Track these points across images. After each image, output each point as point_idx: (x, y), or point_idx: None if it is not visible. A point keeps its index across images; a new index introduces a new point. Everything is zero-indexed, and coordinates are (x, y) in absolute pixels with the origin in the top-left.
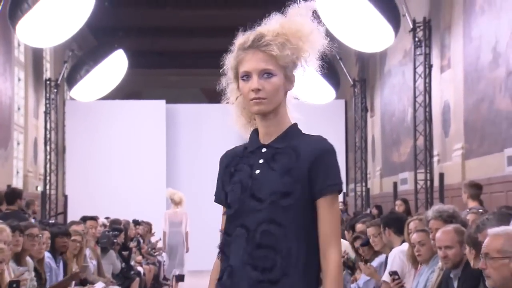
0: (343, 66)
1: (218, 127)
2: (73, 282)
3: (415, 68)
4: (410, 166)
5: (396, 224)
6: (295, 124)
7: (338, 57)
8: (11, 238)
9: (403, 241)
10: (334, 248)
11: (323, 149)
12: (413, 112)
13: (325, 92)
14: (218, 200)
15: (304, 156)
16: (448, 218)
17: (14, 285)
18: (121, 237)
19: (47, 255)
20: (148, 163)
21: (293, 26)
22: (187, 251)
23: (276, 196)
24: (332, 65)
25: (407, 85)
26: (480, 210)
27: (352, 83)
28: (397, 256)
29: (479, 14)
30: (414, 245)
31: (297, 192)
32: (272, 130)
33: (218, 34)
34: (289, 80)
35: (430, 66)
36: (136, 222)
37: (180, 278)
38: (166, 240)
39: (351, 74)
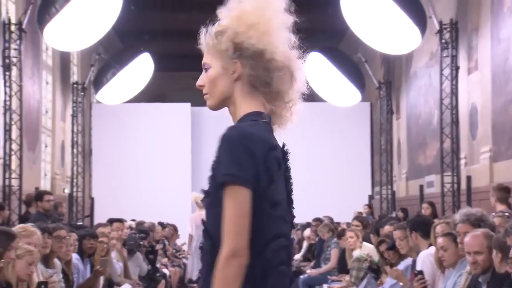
0: (368, 69)
1: None
2: (101, 283)
3: (441, 70)
4: (436, 169)
5: (423, 227)
6: (247, 115)
7: (363, 60)
8: (41, 240)
9: (430, 245)
10: (224, 244)
11: (221, 137)
12: (439, 114)
13: (350, 94)
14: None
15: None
16: (476, 221)
17: (42, 286)
18: (147, 240)
19: (75, 256)
20: (173, 165)
21: (236, 12)
22: None
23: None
24: (357, 68)
25: (434, 87)
26: (506, 214)
27: (377, 85)
28: (427, 259)
29: (507, 15)
30: (439, 249)
31: (213, 189)
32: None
33: None
34: (228, 69)
35: (457, 68)
36: (162, 225)
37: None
38: (192, 243)
39: (377, 76)
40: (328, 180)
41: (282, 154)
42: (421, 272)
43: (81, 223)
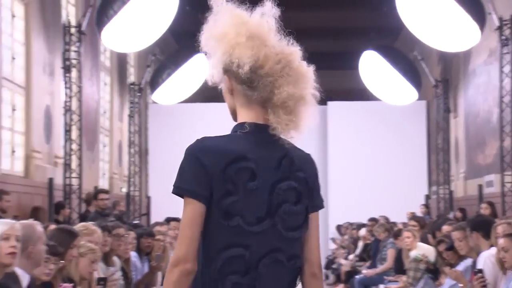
0: (424, 67)
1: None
2: (159, 280)
3: (501, 67)
4: (496, 168)
5: (484, 227)
6: (234, 126)
7: (419, 58)
8: (101, 238)
9: (491, 245)
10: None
11: None
12: (499, 112)
13: (406, 93)
14: None
15: None
16: None
17: (102, 282)
18: None
19: (133, 254)
20: None
21: (207, 32)
22: None
23: None
24: (413, 66)
25: (493, 85)
26: None
27: (434, 83)
28: (488, 260)
29: None
30: (500, 250)
31: None
32: None
33: (296, 37)
34: (224, 85)
35: None
36: None
37: None
38: None
39: (433, 74)
40: (383, 179)
41: (279, 162)
42: (481, 271)
43: (137, 221)
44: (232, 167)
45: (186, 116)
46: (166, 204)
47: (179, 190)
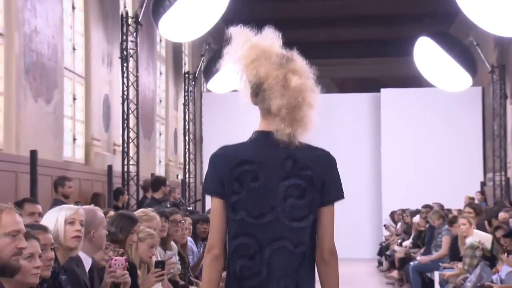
0: (480, 52)
1: (349, 117)
2: None
3: None
4: None
5: None
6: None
7: (475, 43)
8: (160, 224)
9: None
10: None
11: None
12: None
13: (461, 79)
14: None
15: None
16: None
17: (160, 265)
18: None
19: (189, 240)
20: None
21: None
22: None
23: None
24: (468, 51)
25: None
26: None
27: (490, 69)
28: None
29: None
30: None
31: None
32: None
33: (349, 24)
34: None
35: None
36: None
37: None
38: None
39: (489, 60)
40: (438, 166)
41: (281, 163)
42: None
43: (190, 208)
44: (237, 169)
45: (239, 104)
46: None
47: (203, 190)
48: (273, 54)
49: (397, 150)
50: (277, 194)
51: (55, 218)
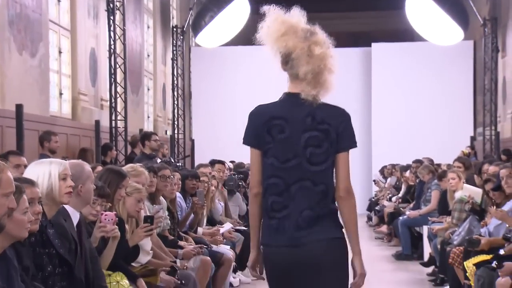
0: (472, 5)
1: (339, 71)
2: (205, 222)
3: None
4: None
5: None
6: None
7: None
8: (148, 179)
9: None
10: None
11: None
12: None
13: (452, 32)
14: None
15: None
16: None
17: (149, 220)
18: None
19: (178, 195)
20: None
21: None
22: None
23: None
24: (460, 4)
25: None
26: None
27: (482, 22)
28: None
29: None
30: None
31: None
32: None
33: None
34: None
35: None
36: None
37: None
38: None
39: (481, 13)
40: (428, 121)
41: (303, 118)
42: None
43: (180, 163)
44: (268, 124)
45: (228, 59)
46: (209, 146)
47: (243, 141)
48: (299, 29)
49: (388, 105)
50: (299, 144)
51: (47, 173)
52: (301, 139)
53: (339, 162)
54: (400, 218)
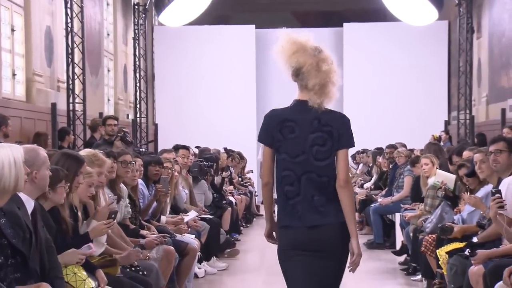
0: None
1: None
2: (168, 210)
3: None
4: None
5: None
6: (292, 101)
7: None
8: (109, 165)
9: None
10: None
11: None
12: None
13: (426, 12)
14: None
15: None
16: None
17: (113, 216)
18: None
19: (140, 182)
20: (238, 90)
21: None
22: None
23: None
24: None
25: None
26: None
27: (456, 2)
28: (511, 186)
29: None
30: None
31: None
32: None
33: None
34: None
35: None
36: (227, 152)
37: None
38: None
39: None
40: (401, 105)
41: (310, 121)
42: (498, 192)
43: (143, 149)
44: (280, 125)
45: (193, 39)
46: (173, 131)
47: (258, 139)
48: (308, 47)
49: (360, 88)
50: (306, 143)
51: (8, 158)
52: (309, 138)
53: (339, 158)
54: (372, 205)
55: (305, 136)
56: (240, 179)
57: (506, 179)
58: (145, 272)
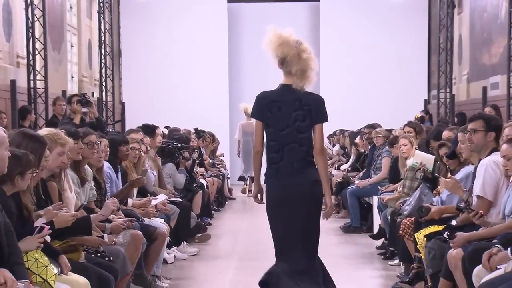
0: None
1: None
2: (135, 193)
3: None
4: (502, 69)
5: (498, 130)
6: (279, 85)
7: None
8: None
9: (494, 150)
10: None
11: None
12: (508, 7)
13: None
14: None
15: None
16: None
17: (82, 207)
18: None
19: (107, 165)
20: (210, 67)
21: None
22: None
23: None
24: None
25: None
26: None
27: None
28: (489, 167)
29: None
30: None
31: None
32: None
33: None
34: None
35: None
36: (198, 133)
37: (253, 179)
38: (240, 147)
39: None
40: (379, 83)
41: (293, 101)
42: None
43: (110, 129)
44: (270, 104)
45: (162, 13)
46: (141, 110)
47: (251, 115)
48: (291, 40)
49: (336, 65)
50: (290, 119)
51: None
52: (292, 115)
53: (316, 131)
54: (349, 188)
55: (289, 113)
56: (211, 160)
57: (483, 159)
58: (111, 258)
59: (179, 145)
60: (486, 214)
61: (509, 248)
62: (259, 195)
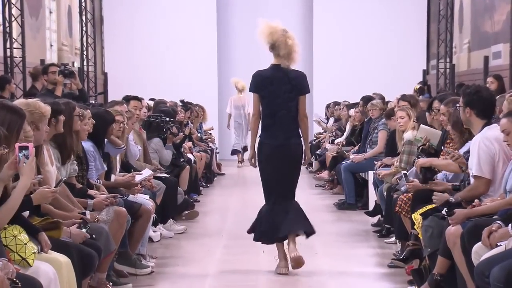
0: None
1: (276, 9)
2: (118, 167)
3: None
4: (505, 37)
5: (481, 105)
6: (270, 64)
7: None
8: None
9: (486, 124)
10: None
11: None
12: None
13: None
14: None
15: None
16: None
17: (59, 184)
18: (174, 129)
19: (90, 144)
20: (197, 35)
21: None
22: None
23: None
24: None
25: None
26: None
27: None
28: (482, 143)
29: None
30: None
31: None
32: None
33: None
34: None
35: None
36: (185, 105)
37: (245, 149)
38: (231, 120)
39: None
40: (376, 52)
41: (282, 77)
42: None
43: (93, 102)
44: (264, 80)
45: None
46: (124, 81)
47: (249, 89)
48: (279, 29)
49: (331, 33)
50: (281, 91)
51: None
52: (282, 89)
53: (300, 101)
54: (343, 162)
55: (280, 86)
56: (199, 134)
57: (476, 136)
58: (94, 236)
59: (168, 119)
60: (485, 193)
61: (510, 225)
62: (253, 159)
